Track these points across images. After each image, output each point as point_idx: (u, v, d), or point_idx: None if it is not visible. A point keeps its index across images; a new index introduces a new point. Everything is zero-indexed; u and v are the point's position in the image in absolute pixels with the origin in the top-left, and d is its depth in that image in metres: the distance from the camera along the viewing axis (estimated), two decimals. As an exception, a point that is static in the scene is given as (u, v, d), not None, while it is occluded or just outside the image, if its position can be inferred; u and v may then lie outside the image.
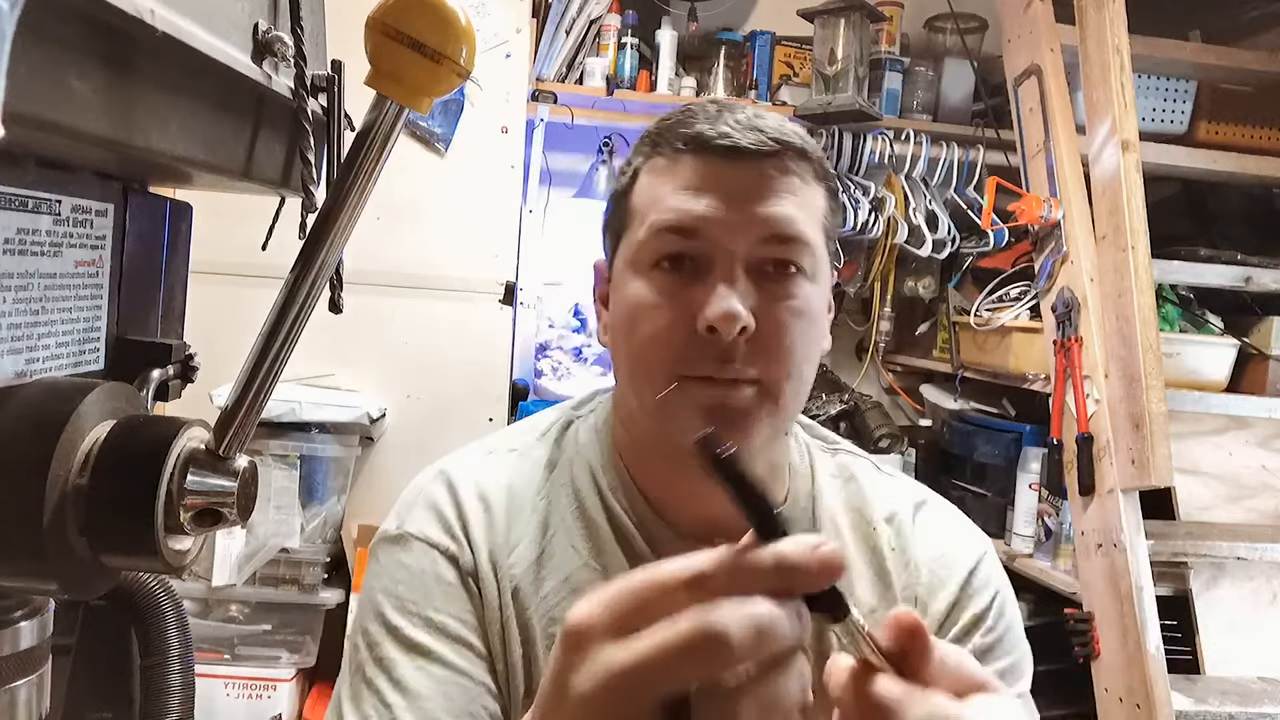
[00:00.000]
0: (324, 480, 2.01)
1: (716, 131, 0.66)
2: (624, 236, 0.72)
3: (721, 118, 0.68)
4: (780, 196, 0.66)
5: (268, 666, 1.95)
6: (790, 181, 0.67)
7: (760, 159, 0.66)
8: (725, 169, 0.66)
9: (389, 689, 0.66)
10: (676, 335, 0.65)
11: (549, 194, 2.49)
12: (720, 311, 0.62)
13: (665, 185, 0.68)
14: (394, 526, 0.74)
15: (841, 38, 2.21)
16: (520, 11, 2.15)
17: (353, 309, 0.61)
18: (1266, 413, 1.88)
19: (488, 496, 0.75)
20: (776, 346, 0.65)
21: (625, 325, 0.69)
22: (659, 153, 0.70)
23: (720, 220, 0.65)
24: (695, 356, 0.64)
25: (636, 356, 0.68)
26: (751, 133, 0.66)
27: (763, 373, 0.65)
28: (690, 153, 0.67)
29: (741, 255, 0.65)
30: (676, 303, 0.66)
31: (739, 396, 0.65)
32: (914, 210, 2.29)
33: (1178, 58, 2.06)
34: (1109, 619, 1.67)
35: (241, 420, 0.43)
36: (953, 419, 2.38)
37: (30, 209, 0.41)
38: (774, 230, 0.66)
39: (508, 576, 0.72)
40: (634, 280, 0.69)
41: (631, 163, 0.73)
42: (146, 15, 0.36)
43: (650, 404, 0.67)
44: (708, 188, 0.66)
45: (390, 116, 0.42)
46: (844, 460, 0.82)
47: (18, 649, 0.42)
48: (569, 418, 0.81)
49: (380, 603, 0.70)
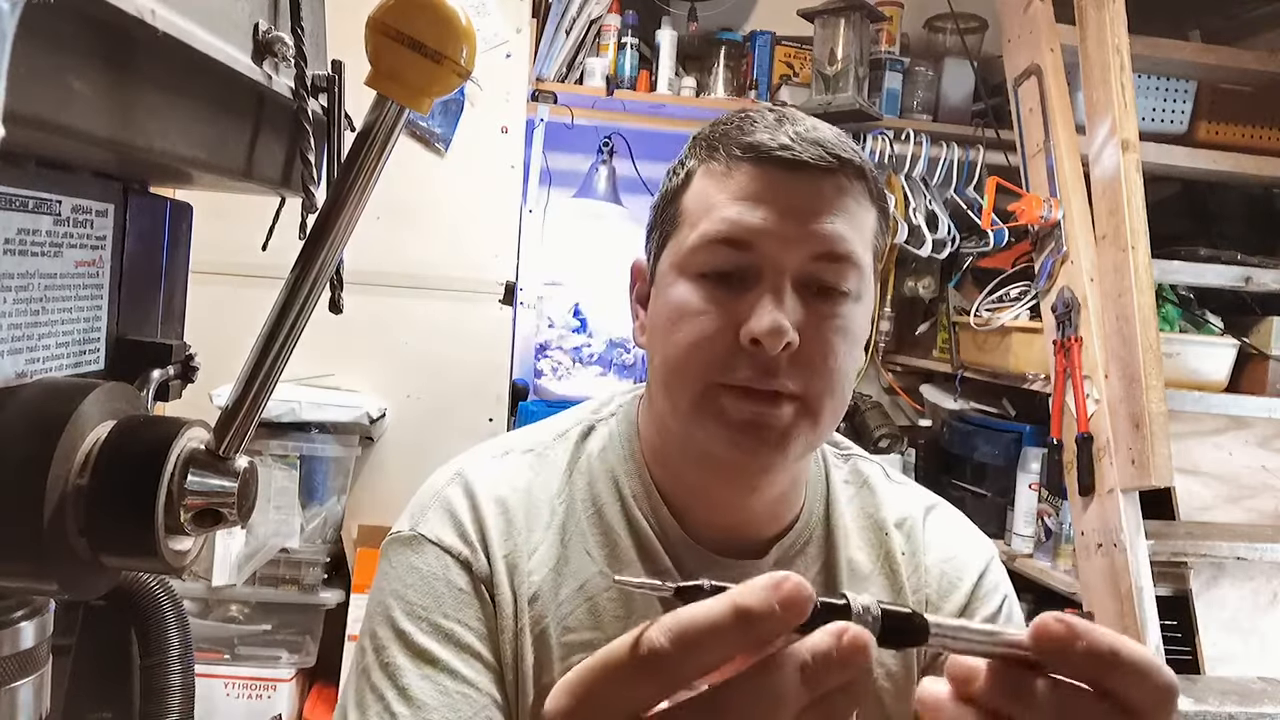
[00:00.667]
0: (324, 480, 2.01)
1: (777, 142, 0.65)
2: (672, 238, 0.70)
3: (782, 127, 0.66)
4: (835, 215, 0.65)
5: (268, 666, 1.95)
6: (845, 201, 0.66)
7: (819, 174, 0.65)
8: (783, 181, 0.65)
9: (395, 698, 0.65)
10: (718, 344, 0.64)
11: (549, 194, 2.49)
12: (766, 326, 0.62)
13: (720, 193, 0.66)
14: (407, 527, 0.73)
15: (841, 38, 2.21)
16: (520, 11, 2.15)
17: (353, 309, 0.61)
18: (1266, 413, 1.88)
19: (506, 500, 0.73)
20: (821, 365, 0.64)
21: (665, 328, 0.68)
22: (715, 157, 0.68)
23: (773, 233, 0.64)
24: (735, 366, 0.64)
25: (674, 361, 0.67)
26: (813, 146, 0.65)
27: (804, 390, 0.64)
28: (748, 161, 0.66)
29: (791, 270, 0.64)
30: (721, 312, 0.65)
31: (778, 414, 0.64)
32: (914, 210, 2.29)
33: (1178, 58, 2.06)
34: (1109, 619, 1.67)
35: (241, 420, 0.43)
36: (953, 419, 2.38)
37: (30, 209, 0.41)
38: (826, 248, 0.65)
39: (527, 582, 0.70)
40: (679, 284, 0.67)
41: (685, 164, 0.72)
42: (147, 15, 0.36)
43: (684, 409, 0.66)
44: (764, 199, 0.65)
45: (390, 116, 0.42)
46: (857, 466, 0.82)
47: (18, 649, 0.42)
48: (590, 421, 0.80)
49: (390, 605, 0.69)
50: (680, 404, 0.67)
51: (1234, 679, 1.75)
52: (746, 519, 0.73)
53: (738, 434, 0.64)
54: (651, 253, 0.74)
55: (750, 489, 0.71)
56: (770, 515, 0.74)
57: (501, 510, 0.73)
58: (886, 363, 2.64)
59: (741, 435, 0.64)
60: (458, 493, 0.74)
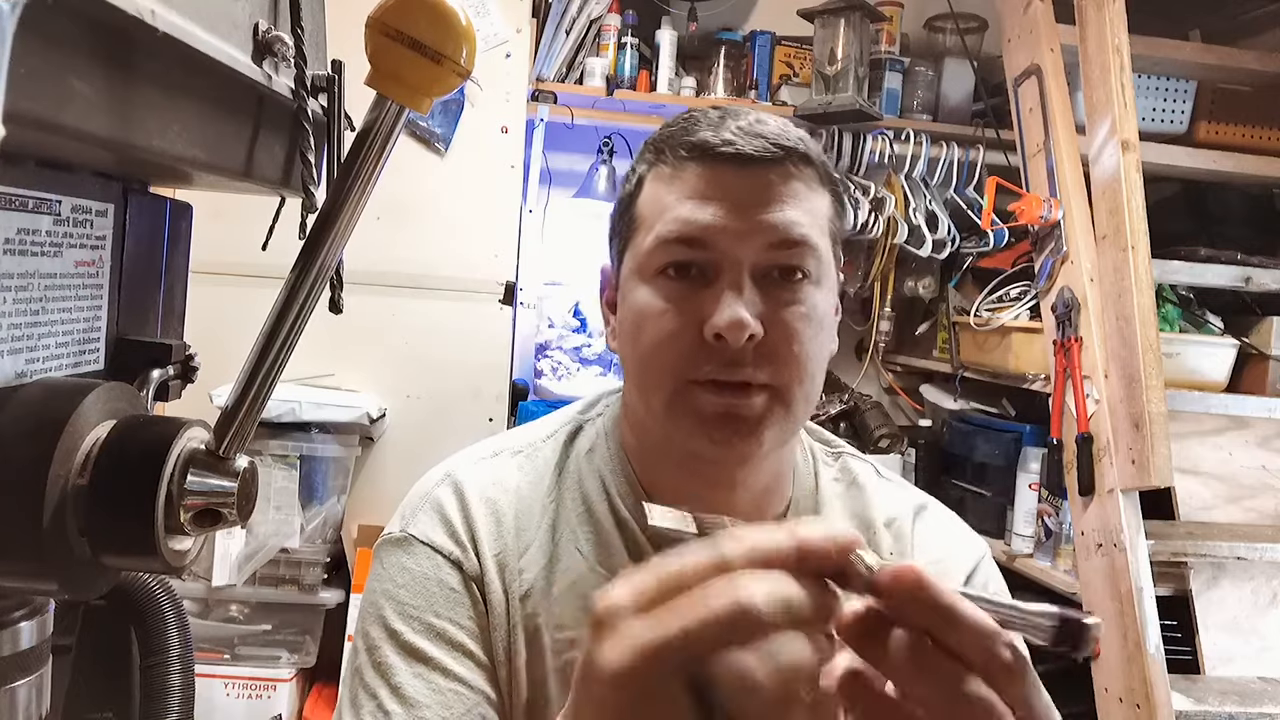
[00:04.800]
0: (324, 480, 2.01)
1: (720, 139, 0.66)
2: (630, 243, 0.72)
3: (725, 124, 0.68)
4: (785, 202, 0.66)
5: (268, 666, 1.95)
6: (795, 187, 0.67)
7: (765, 165, 0.66)
8: (730, 176, 0.66)
9: (388, 697, 0.66)
10: (684, 342, 0.65)
11: (549, 194, 2.49)
12: (727, 320, 0.63)
13: (670, 194, 0.68)
14: (398, 529, 0.74)
15: (841, 38, 2.21)
16: (520, 11, 2.15)
17: (353, 309, 0.61)
18: (1266, 413, 1.88)
19: (496, 500, 0.74)
20: (787, 352, 0.65)
21: (632, 332, 0.69)
22: (663, 160, 0.70)
23: (726, 228, 0.65)
24: (703, 362, 0.65)
25: (643, 362, 0.68)
26: (755, 139, 0.66)
27: (773, 379, 0.65)
28: (694, 160, 0.67)
29: (748, 262, 0.66)
30: (684, 309, 0.66)
31: (750, 404, 0.65)
32: (914, 210, 2.29)
33: (1178, 58, 2.06)
34: (1109, 619, 1.67)
35: (241, 420, 0.43)
36: (953, 419, 2.38)
37: (30, 209, 0.41)
38: (780, 236, 0.66)
39: (518, 580, 0.71)
40: (640, 287, 0.69)
41: (636, 170, 0.73)
42: (147, 15, 0.36)
43: (658, 409, 0.67)
44: (713, 195, 0.66)
45: (390, 116, 0.42)
46: (847, 464, 0.82)
47: (18, 649, 0.42)
48: (577, 421, 0.81)
49: (382, 606, 0.70)
50: (655, 404, 0.68)
51: (1234, 679, 1.75)
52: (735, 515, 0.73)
53: (712, 427, 0.65)
54: (614, 260, 0.76)
55: (730, 484, 0.71)
56: (755, 511, 0.74)
57: (491, 510, 0.73)
58: (886, 363, 2.64)
59: (715, 428, 0.65)
60: (448, 493, 0.74)
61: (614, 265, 0.76)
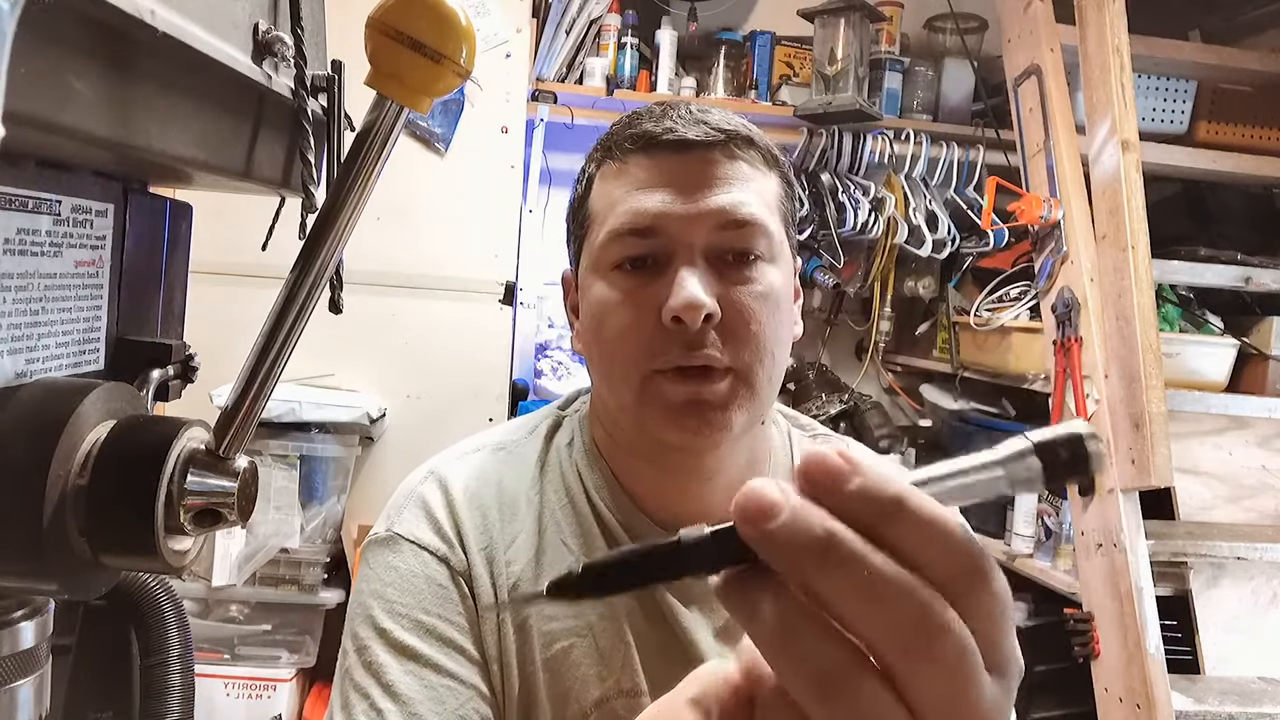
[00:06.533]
0: (324, 480, 2.01)
1: (661, 128, 0.68)
2: (585, 243, 0.73)
3: (666, 115, 0.69)
4: (731, 183, 0.67)
5: (268, 666, 1.95)
6: (739, 168, 0.68)
7: (707, 149, 0.67)
8: (674, 162, 0.67)
9: (379, 695, 0.66)
10: (643, 330, 0.66)
11: (549, 194, 2.49)
12: (683, 301, 0.63)
13: (619, 188, 0.69)
14: (383, 529, 0.74)
15: (841, 38, 2.21)
16: (520, 11, 2.15)
17: (353, 309, 0.61)
18: (1266, 413, 1.88)
19: (480, 494, 0.75)
20: (745, 332, 0.66)
21: (594, 327, 0.70)
22: (610, 157, 0.71)
23: (674, 213, 0.66)
24: (663, 349, 0.65)
25: (607, 356, 0.69)
26: (696, 125, 0.68)
27: (734, 360, 0.66)
28: (638, 152, 0.69)
29: (700, 245, 0.66)
30: (641, 298, 0.66)
31: (714, 389, 0.65)
32: (914, 210, 2.29)
33: (1178, 58, 2.06)
34: (1109, 619, 1.67)
35: (241, 420, 0.43)
36: (953, 419, 2.38)
37: (30, 209, 0.41)
38: (728, 217, 0.66)
39: (506, 573, 0.71)
40: (597, 283, 0.70)
41: (585, 170, 0.75)
42: (146, 15, 0.36)
43: (628, 402, 0.68)
44: (658, 183, 0.67)
45: (390, 116, 0.42)
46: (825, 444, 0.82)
47: (18, 649, 0.42)
48: (558, 416, 0.82)
49: (370, 605, 0.70)
50: (625, 398, 0.68)
51: (1234, 679, 1.75)
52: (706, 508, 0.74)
53: (682, 415, 0.66)
54: (573, 262, 0.77)
55: (703, 475, 0.72)
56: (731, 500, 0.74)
57: (476, 505, 0.74)
58: (886, 363, 2.64)
59: (685, 416, 0.65)
60: (432, 490, 0.75)
61: (573, 267, 0.77)
